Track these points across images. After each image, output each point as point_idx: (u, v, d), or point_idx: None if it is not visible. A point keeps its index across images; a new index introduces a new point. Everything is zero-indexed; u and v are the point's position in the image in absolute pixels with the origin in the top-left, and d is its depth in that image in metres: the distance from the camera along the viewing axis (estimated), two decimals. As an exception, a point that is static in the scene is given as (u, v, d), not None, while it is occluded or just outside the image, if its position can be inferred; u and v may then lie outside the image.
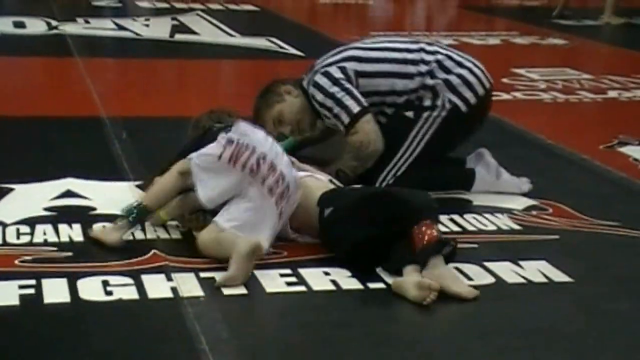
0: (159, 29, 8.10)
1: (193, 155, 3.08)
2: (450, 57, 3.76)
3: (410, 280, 2.76)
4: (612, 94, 5.95)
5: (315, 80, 3.66)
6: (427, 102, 3.66)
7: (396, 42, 3.82)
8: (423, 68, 3.68)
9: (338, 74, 3.63)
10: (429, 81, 3.66)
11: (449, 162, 3.85)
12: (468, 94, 3.68)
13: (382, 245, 2.91)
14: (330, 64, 3.69)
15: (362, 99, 3.62)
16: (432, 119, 3.64)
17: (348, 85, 3.61)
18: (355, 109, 3.59)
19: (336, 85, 3.61)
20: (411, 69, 3.68)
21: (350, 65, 3.66)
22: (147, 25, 8.33)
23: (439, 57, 3.73)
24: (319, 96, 3.63)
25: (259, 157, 3.02)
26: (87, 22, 8.32)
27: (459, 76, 3.70)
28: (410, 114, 3.66)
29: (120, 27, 8.09)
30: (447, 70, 3.70)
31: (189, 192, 3.14)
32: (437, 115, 3.64)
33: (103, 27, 8.12)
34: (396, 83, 3.66)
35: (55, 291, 2.73)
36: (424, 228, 2.84)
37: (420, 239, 2.83)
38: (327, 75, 3.64)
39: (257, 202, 2.99)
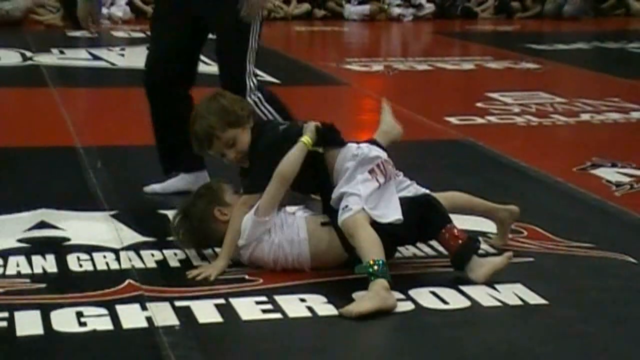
0: (134, 58, 8.08)
1: (362, 204, 3.04)
2: None
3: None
4: (584, 117, 6.00)
5: None
6: None
7: None
8: None
9: None
10: None
11: None
12: None
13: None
14: None
15: None
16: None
17: None
18: None
19: None
20: None
21: None
22: (123, 55, 8.33)
23: None
24: None
25: (388, 162, 3.20)
26: (62, 52, 8.32)
27: None
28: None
29: (96, 57, 8.09)
30: None
31: None
32: None
33: (78, 58, 8.11)
34: None
35: (28, 323, 2.70)
36: (454, 230, 3.10)
37: (455, 239, 3.08)
38: None
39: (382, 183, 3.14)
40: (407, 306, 2.88)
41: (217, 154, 3.24)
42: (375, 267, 2.88)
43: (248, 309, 2.84)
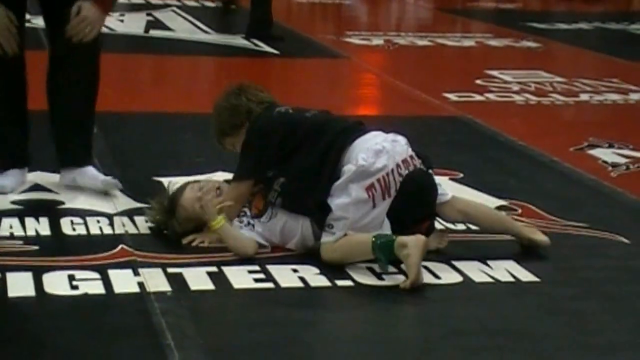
0: (133, 24, 8.05)
1: (347, 230, 2.94)
2: None
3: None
4: (583, 97, 5.99)
5: None
6: None
7: None
8: None
9: None
10: None
11: None
12: None
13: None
14: None
15: None
16: None
17: None
18: None
19: None
20: None
21: None
22: (122, 21, 8.27)
23: None
24: None
25: (395, 171, 3.01)
26: (60, 16, 8.25)
27: None
28: None
29: (94, 22, 8.02)
30: None
31: None
32: None
33: (77, 22, 8.04)
34: None
35: (20, 285, 2.70)
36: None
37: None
38: None
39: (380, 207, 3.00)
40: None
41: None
42: (379, 243, 2.87)
43: (240, 277, 2.84)
